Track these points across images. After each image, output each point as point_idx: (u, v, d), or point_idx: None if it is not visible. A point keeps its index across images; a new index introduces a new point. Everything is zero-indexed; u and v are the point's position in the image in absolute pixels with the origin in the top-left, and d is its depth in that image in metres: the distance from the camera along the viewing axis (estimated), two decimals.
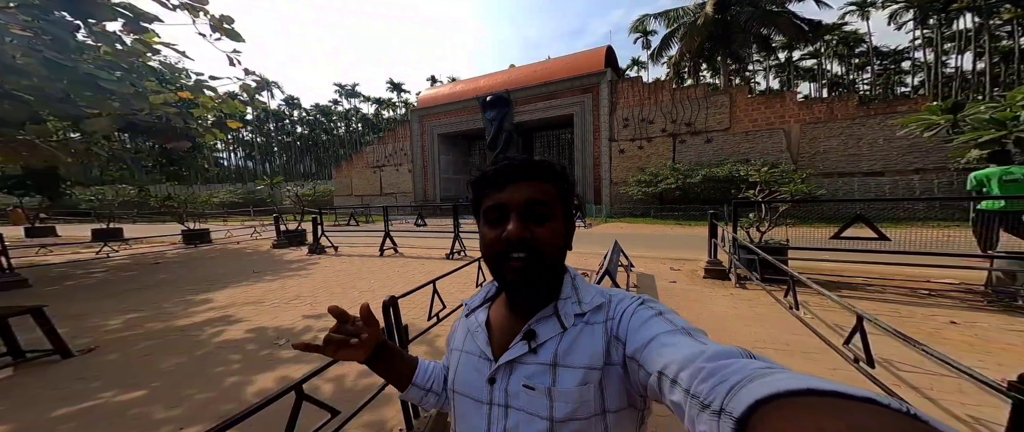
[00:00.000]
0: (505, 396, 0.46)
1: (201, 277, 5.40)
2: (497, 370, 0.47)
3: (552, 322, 0.47)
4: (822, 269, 4.16)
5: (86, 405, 1.94)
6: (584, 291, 0.50)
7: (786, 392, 0.22)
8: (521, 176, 0.46)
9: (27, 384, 2.21)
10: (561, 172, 0.49)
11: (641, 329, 0.41)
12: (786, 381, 0.23)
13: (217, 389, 2.13)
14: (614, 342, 0.44)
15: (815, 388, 0.21)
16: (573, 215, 0.52)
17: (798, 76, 35.78)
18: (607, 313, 0.47)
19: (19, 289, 4.61)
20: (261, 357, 2.58)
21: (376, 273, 5.46)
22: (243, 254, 7.72)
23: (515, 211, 0.45)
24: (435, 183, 20.53)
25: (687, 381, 0.31)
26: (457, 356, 0.54)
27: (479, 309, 0.56)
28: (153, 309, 3.77)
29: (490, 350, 0.50)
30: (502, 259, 0.46)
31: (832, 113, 12.06)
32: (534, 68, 19.22)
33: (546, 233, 0.46)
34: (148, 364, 2.46)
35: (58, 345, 2.50)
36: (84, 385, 2.16)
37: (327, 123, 51.50)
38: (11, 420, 1.82)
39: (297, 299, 4.10)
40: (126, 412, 1.88)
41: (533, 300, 0.49)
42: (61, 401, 1.98)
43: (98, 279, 5.44)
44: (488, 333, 0.52)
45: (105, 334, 3.04)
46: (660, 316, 0.42)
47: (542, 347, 0.46)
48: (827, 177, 12.22)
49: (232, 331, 3.12)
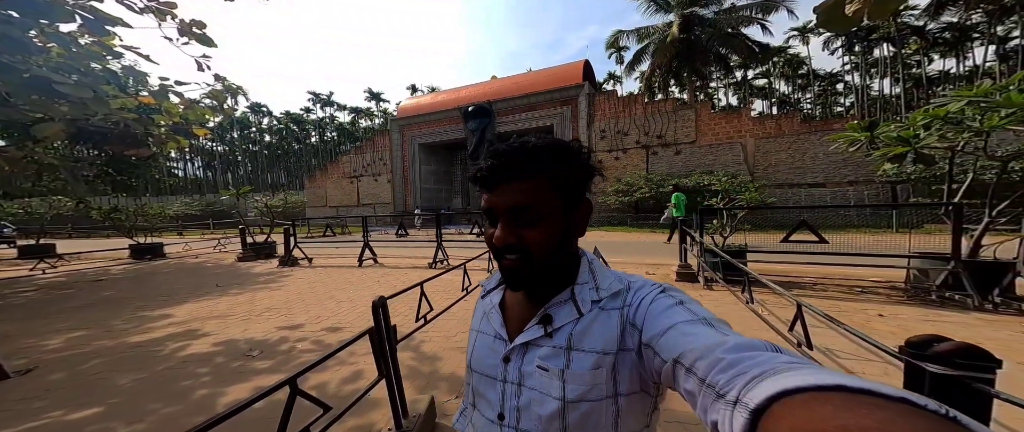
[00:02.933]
0: (519, 375, 0.47)
1: (154, 293, 4.98)
2: (511, 350, 0.48)
3: (568, 307, 0.47)
4: (776, 270, 4.61)
5: (34, 424, 1.78)
6: (602, 276, 0.49)
7: (814, 386, 0.20)
8: (509, 176, 0.45)
9: None
10: (558, 159, 0.46)
11: (660, 317, 0.41)
12: (815, 376, 0.22)
13: (184, 401, 2.02)
14: (630, 328, 0.44)
15: (846, 385, 0.20)
16: (580, 199, 0.49)
17: (752, 94, 39.40)
18: (625, 299, 0.46)
19: None
20: (232, 369, 2.47)
21: (355, 283, 5.30)
22: (203, 268, 7.18)
23: (501, 216, 0.45)
24: (416, 193, 20.24)
25: (704, 370, 0.30)
26: (474, 336, 0.56)
27: (494, 291, 0.57)
28: (100, 327, 3.45)
29: (505, 331, 0.51)
30: (498, 257, 0.47)
31: (780, 129, 13.41)
32: (516, 79, 19.78)
33: (535, 235, 0.45)
34: (100, 381, 2.27)
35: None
36: (30, 404, 1.97)
37: (299, 132, 49.43)
38: None
39: (269, 311, 3.92)
40: (82, 429, 1.74)
41: (530, 294, 0.51)
42: (10, 420, 1.80)
43: (28, 298, 4.86)
44: (503, 314, 0.53)
45: (44, 354, 2.75)
46: (681, 305, 0.41)
47: (557, 331, 0.46)
48: (778, 188, 13.44)
49: (197, 345, 2.94)
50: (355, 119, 48.42)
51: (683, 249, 4.87)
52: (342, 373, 2.31)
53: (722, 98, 40.09)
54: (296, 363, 2.54)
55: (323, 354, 1.30)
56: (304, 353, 2.74)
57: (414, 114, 20.33)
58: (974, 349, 0.74)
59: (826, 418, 0.18)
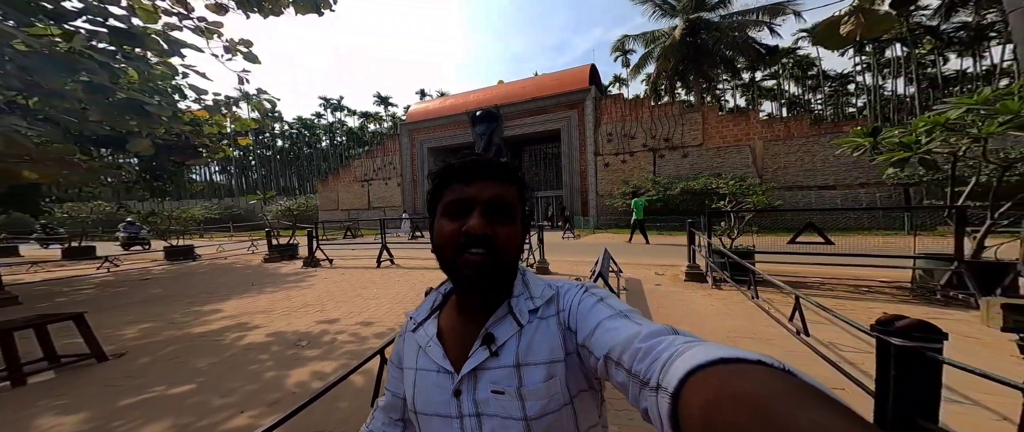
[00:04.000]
0: (475, 405, 0.45)
1: (198, 290, 5.38)
2: (461, 382, 0.46)
3: (508, 321, 0.47)
4: (784, 271, 4.77)
5: (144, 397, 2.11)
6: (534, 286, 0.50)
7: (705, 363, 0.25)
8: (489, 174, 0.47)
9: (76, 383, 2.33)
10: (523, 177, 0.51)
11: (587, 316, 0.43)
12: (703, 353, 0.26)
13: (259, 382, 2.33)
14: (568, 333, 0.45)
15: (724, 357, 0.25)
16: (528, 221, 0.53)
17: (761, 95, 39.03)
18: (558, 305, 0.48)
19: (10, 306, 4.47)
20: (288, 356, 2.78)
21: (378, 282, 5.63)
22: (234, 269, 7.62)
23: (480, 206, 0.45)
24: (424, 197, 20.61)
25: (628, 361, 0.33)
26: (411, 375, 0.51)
27: (427, 321, 0.54)
28: (162, 320, 3.83)
29: (448, 362, 0.48)
30: (459, 252, 0.45)
31: (789, 131, 13.43)
32: (523, 84, 20.12)
33: (507, 233, 0.46)
34: (182, 365, 2.60)
35: (95, 349, 2.60)
36: (133, 382, 2.31)
37: (310, 136, 50.60)
38: (83, 410, 1.97)
39: (305, 307, 4.25)
40: (184, 402, 2.06)
41: (486, 298, 0.49)
42: (120, 395, 2.13)
43: (88, 295, 5.31)
44: (442, 345, 0.50)
45: (126, 342, 3.11)
46: (602, 302, 0.44)
47: (503, 349, 0.45)
48: (788, 190, 13.44)
49: (252, 336, 3.27)
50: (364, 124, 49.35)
51: (692, 250, 5.07)
52: None
53: (730, 100, 39.80)
54: (340, 352, 2.84)
55: (361, 345, 1.54)
56: (345, 344, 3.04)
57: (423, 118, 20.81)
58: (927, 325, 0.97)
59: (719, 389, 0.22)
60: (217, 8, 4.10)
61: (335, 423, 1.82)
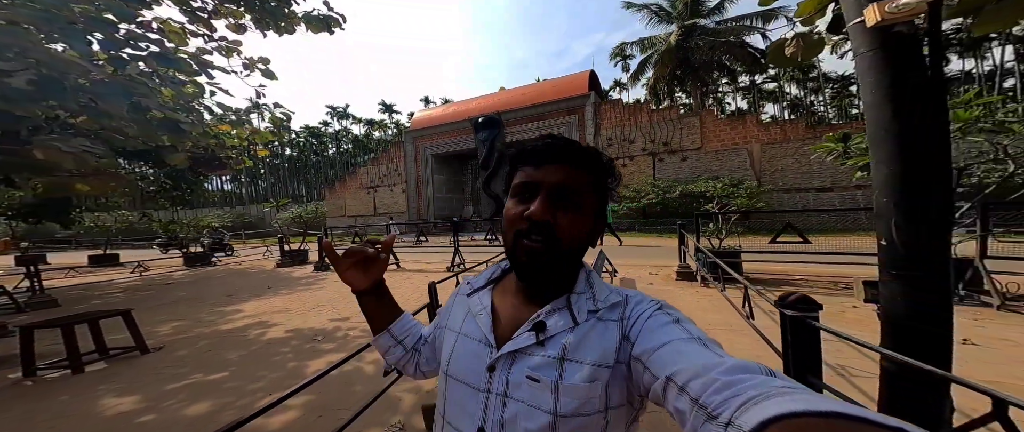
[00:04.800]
0: (505, 386, 0.44)
1: (218, 293, 5.76)
2: (498, 359, 0.45)
3: (563, 315, 0.45)
4: (771, 270, 5.01)
5: (187, 382, 2.45)
6: (599, 288, 0.48)
7: (809, 412, 0.20)
8: (561, 158, 0.45)
9: (126, 372, 2.68)
10: (605, 165, 0.48)
11: (655, 333, 0.40)
12: (811, 402, 0.21)
13: (283, 370, 2.66)
14: (624, 342, 0.43)
15: (842, 412, 0.20)
16: (606, 213, 0.50)
17: (763, 98, 39.13)
18: (623, 312, 0.45)
19: (49, 307, 4.90)
20: (307, 349, 3.11)
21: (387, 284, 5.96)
22: (249, 273, 8.03)
23: (545, 191, 0.44)
24: (429, 202, 21.10)
25: (698, 390, 0.30)
26: (453, 338, 0.51)
27: (482, 290, 0.54)
28: (191, 319, 4.20)
29: (493, 336, 0.47)
30: (519, 237, 0.45)
31: (786, 134, 13.61)
32: (523, 90, 20.58)
33: (570, 221, 0.44)
34: (215, 357, 2.95)
35: (140, 343, 2.96)
36: (174, 370, 2.65)
37: (317, 145, 51.72)
38: (136, 393, 2.32)
39: (318, 307, 4.59)
40: (222, 386, 2.39)
41: (543, 287, 0.48)
42: (166, 381, 2.48)
43: (119, 299, 5.73)
44: (493, 318, 0.49)
45: (162, 338, 3.48)
46: (677, 323, 0.41)
47: (550, 340, 0.44)
48: (786, 192, 13.57)
49: (273, 332, 3.61)
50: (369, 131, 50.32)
51: (682, 251, 5.33)
52: None
53: (731, 103, 39.95)
54: (353, 345, 3.15)
55: (371, 339, 1.78)
56: (357, 339, 3.36)
57: (427, 126, 21.33)
58: (808, 299, 1.26)
59: None
60: (237, 28, 4.54)
61: (352, 403, 2.13)
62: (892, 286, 1.15)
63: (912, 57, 1.16)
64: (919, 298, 1.11)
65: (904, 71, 1.16)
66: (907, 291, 1.12)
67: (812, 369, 1.25)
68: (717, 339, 0.39)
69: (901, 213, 1.13)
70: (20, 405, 2.26)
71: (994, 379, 2.03)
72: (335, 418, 1.93)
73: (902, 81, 1.15)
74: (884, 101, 1.17)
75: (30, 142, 2.56)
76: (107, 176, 3.09)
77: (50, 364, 2.73)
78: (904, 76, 1.15)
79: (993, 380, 2.02)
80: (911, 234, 1.11)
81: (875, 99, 1.19)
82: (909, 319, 1.12)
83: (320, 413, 2.04)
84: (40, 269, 5.12)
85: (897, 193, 1.14)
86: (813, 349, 1.25)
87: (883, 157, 1.18)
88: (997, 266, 3.40)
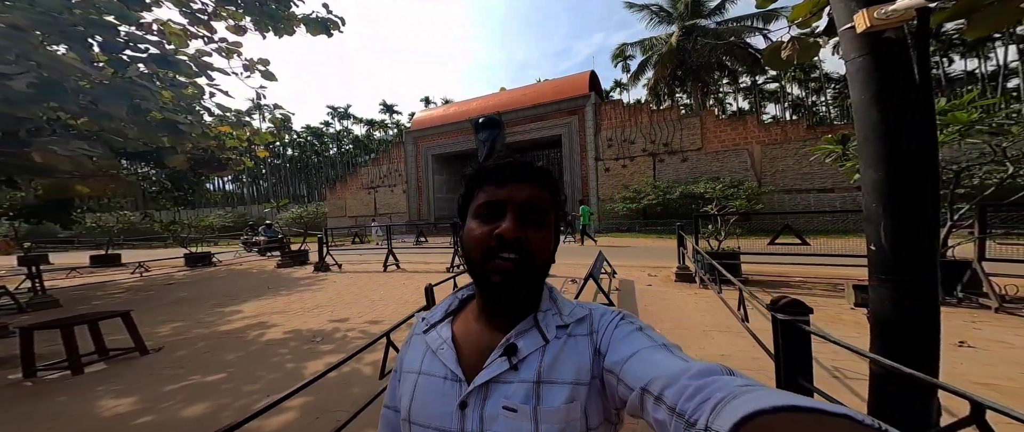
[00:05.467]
0: (480, 422, 0.41)
1: (219, 294, 5.79)
2: (470, 394, 0.42)
3: (533, 334, 0.45)
4: (769, 271, 5.01)
5: (185, 383, 2.47)
6: (563, 303, 0.48)
7: (769, 409, 0.22)
8: (524, 177, 0.46)
9: (125, 373, 2.70)
10: (557, 183, 0.49)
11: (623, 343, 0.41)
12: (768, 398, 0.23)
13: (280, 372, 2.67)
14: (597, 356, 0.43)
15: (796, 405, 0.22)
16: (561, 228, 0.52)
17: (764, 98, 39.04)
18: (591, 325, 0.46)
19: (51, 308, 4.93)
20: (305, 350, 3.12)
21: (384, 285, 5.98)
22: (250, 274, 8.06)
23: (513, 209, 0.44)
24: (429, 202, 21.13)
25: (672, 398, 0.30)
26: (413, 379, 0.48)
27: (441, 324, 0.51)
28: (191, 319, 4.22)
29: (460, 370, 0.45)
30: (489, 257, 0.43)
31: (786, 135, 13.58)
32: (524, 91, 20.60)
33: (539, 238, 0.45)
34: (214, 358, 2.96)
35: (139, 344, 2.98)
36: (173, 371, 2.67)
37: (318, 145, 51.84)
38: (134, 394, 2.33)
39: (318, 308, 4.61)
40: (219, 387, 2.41)
41: (512, 308, 0.47)
42: (164, 382, 2.50)
43: (121, 299, 5.76)
44: (456, 350, 0.47)
45: (161, 339, 3.50)
46: (640, 332, 0.42)
47: (524, 363, 0.43)
48: (787, 193, 13.54)
49: (271, 333, 3.63)
50: (369, 131, 50.43)
51: (681, 253, 5.33)
52: None
53: (733, 103, 39.87)
54: (351, 346, 3.17)
55: (369, 340, 1.77)
56: (355, 340, 3.37)
57: (428, 126, 21.37)
58: (799, 303, 1.26)
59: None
60: (236, 29, 4.57)
61: (349, 405, 2.14)
62: (881, 290, 1.16)
63: (900, 62, 1.17)
64: (907, 303, 1.11)
65: (892, 76, 1.16)
66: (895, 296, 1.13)
67: (802, 371, 1.25)
68: (714, 341, 0.42)
69: (889, 217, 1.13)
70: (19, 406, 2.28)
71: (989, 381, 2.03)
72: (333, 419, 1.94)
73: (890, 86, 1.16)
74: (872, 105, 1.18)
75: (30, 144, 2.60)
76: (106, 178, 3.12)
77: (50, 365, 2.75)
78: (892, 81, 1.16)
79: (989, 382, 2.02)
80: (899, 238, 1.12)
81: (863, 103, 1.19)
82: (897, 323, 1.13)
83: (317, 415, 2.05)
84: (42, 269, 5.14)
85: (885, 197, 1.14)
86: (804, 352, 1.25)
87: (871, 161, 1.18)
88: (995, 268, 3.40)
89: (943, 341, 2.49)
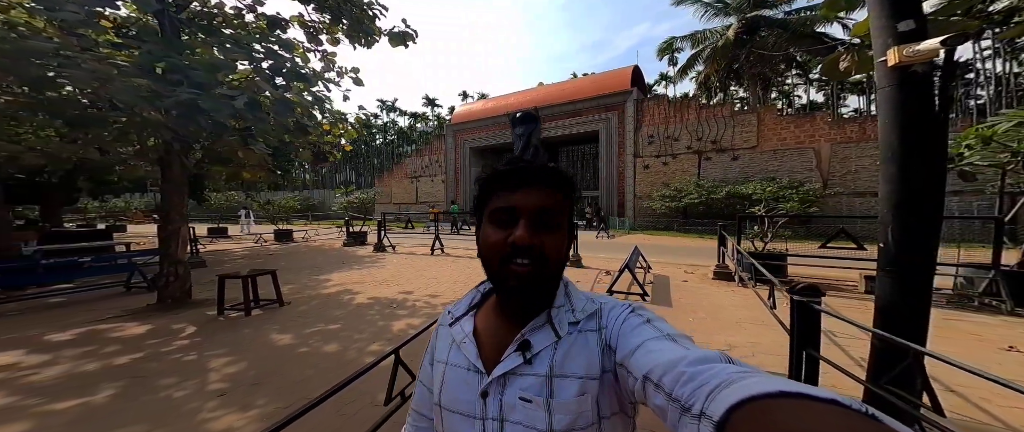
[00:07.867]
0: (499, 410, 0.45)
1: (307, 266, 7.04)
2: (490, 384, 0.46)
3: (546, 331, 0.47)
4: (818, 275, 4.90)
5: (316, 328, 3.34)
6: (576, 298, 0.50)
7: (760, 395, 0.23)
8: (536, 181, 0.46)
9: (275, 317, 3.69)
10: (572, 182, 0.49)
11: (631, 335, 0.42)
12: (759, 384, 0.24)
13: (376, 327, 3.45)
14: (607, 351, 0.44)
15: (785, 390, 0.23)
16: (574, 226, 0.52)
17: (844, 89, 34.29)
18: (600, 320, 0.47)
19: (201, 268, 6.50)
20: (387, 312, 3.91)
21: (435, 266, 6.83)
22: (324, 251, 9.47)
23: (526, 216, 0.45)
24: (466, 193, 22.19)
25: (669, 385, 0.32)
26: (442, 369, 0.52)
27: (464, 318, 0.54)
28: (297, 283, 5.32)
29: (481, 362, 0.48)
30: (505, 262, 0.45)
31: (864, 133, 12.16)
32: (562, 86, 20.53)
33: (554, 242, 0.46)
34: (327, 312, 3.87)
35: (279, 297, 4.03)
36: (304, 319, 3.60)
37: (368, 135, 55.99)
38: (288, 332, 3.25)
39: (385, 282, 5.49)
40: (339, 334, 3.23)
41: (529, 307, 0.49)
42: (303, 326, 3.41)
43: (241, 264, 7.29)
44: (477, 344, 0.50)
45: (285, 296, 4.55)
46: (648, 324, 0.43)
47: (537, 357, 0.45)
48: (859, 196, 12.21)
49: (359, 298, 4.52)
50: (412, 124, 53.19)
51: (721, 252, 5.39)
52: None
53: (802, 95, 35.58)
54: (421, 313, 3.87)
55: (434, 311, 2.18)
56: (422, 308, 4.09)
57: (467, 120, 22.24)
58: (814, 287, 1.57)
59: (775, 425, 0.21)
60: (334, 41, 5.53)
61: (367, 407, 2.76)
62: (885, 281, 1.45)
63: (922, 95, 1.42)
64: (905, 292, 1.39)
65: (911, 108, 1.42)
66: (896, 285, 1.41)
67: (812, 342, 1.58)
68: (745, 331, 0.62)
69: (897, 223, 1.41)
70: (222, 334, 3.26)
71: None
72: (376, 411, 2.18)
73: (908, 117, 1.42)
74: (892, 131, 1.45)
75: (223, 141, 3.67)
76: (261, 167, 4.21)
77: (232, 306, 3.82)
78: (911, 113, 1.42)
79: None
80: (904, 241, 1.40)
81: (886, 127, 1.47)
82: (895, 307, 1.41)
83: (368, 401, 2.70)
84: None
85: (895, 207, 1.42)
86: (814, 327, 1.58)
87: (887, 176, 1.46)
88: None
89: (990, 346, 2.58)
